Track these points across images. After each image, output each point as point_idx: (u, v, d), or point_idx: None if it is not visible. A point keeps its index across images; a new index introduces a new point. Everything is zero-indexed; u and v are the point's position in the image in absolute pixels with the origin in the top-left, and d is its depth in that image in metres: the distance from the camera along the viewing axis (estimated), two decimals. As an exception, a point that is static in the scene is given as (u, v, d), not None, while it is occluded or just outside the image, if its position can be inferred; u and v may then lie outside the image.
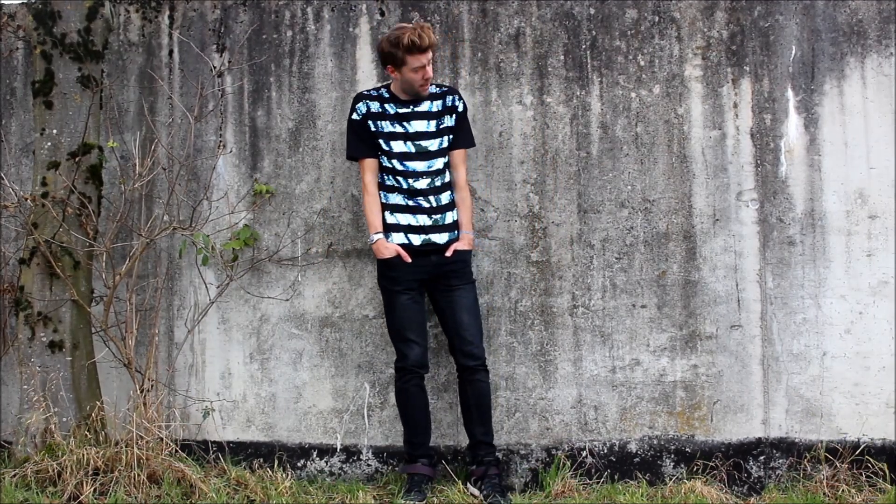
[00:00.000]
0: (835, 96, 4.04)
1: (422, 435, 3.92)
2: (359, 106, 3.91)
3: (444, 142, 3.91)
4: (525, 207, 4.13)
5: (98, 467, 3.76)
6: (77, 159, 4.08)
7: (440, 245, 3.86)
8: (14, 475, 3.79)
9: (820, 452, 3.93)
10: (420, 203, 3.86)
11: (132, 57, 4.39)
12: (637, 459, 4.03)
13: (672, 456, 4.01)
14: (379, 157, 3.88)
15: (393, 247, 3.84)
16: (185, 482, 3.80)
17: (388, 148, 3.87)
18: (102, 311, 4.09)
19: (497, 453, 3.94)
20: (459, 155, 3.95)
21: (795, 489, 3.86)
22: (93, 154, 4.13)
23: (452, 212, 3.92)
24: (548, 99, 4.15)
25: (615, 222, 4.09)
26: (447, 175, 3.93)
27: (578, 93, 4.14)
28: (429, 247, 3.86)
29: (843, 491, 3.76)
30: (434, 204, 3.87)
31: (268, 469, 4.03)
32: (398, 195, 3.87)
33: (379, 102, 3.90)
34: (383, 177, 3.90)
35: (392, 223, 3.87)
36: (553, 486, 3.89)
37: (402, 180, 3.86)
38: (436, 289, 3.90)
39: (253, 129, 4.30)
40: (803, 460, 3.94)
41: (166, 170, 4.24)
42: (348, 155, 3.96)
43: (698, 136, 4.08)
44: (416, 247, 3.85)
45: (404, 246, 3.85)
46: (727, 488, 3.90)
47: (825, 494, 3.77)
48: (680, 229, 4.06)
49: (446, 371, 4.11)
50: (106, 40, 4.28)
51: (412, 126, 3.88)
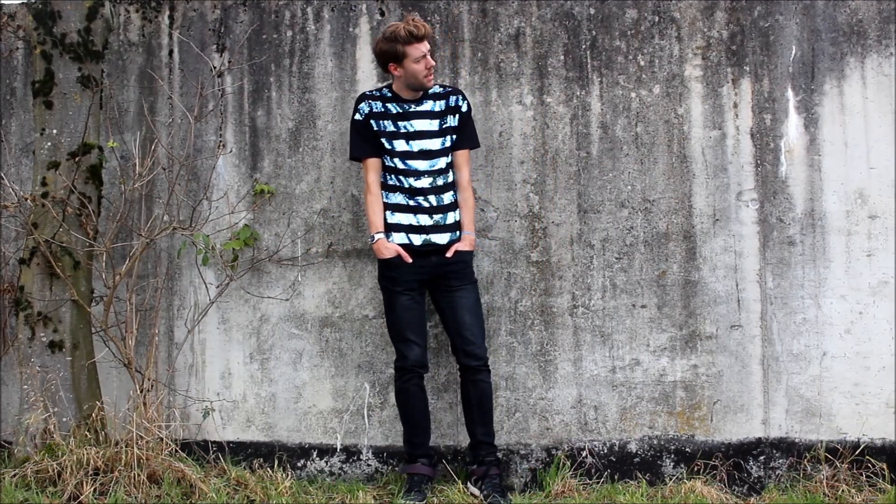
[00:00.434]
0: (835, 96, 4.04)
1: (422, 435, 3.92)
2: (361, 106, 3.90)
3: (447, 141, 3.90)
4: (525, 207, 4.13)
5: (98, 467, 3.76)
6: (77, 159, 4.08)
7: (441, 246, 3.86)
8: (14, 475, 3.79)
9: (820, 452, 3.93)
10: (421, 202, 3.86)
11: (132, 57, 4.39)
12: (637, 459, 4.03)
13: (672, 456, 4.01)
14: (382, 157, 3.88)
15: (393, 247, 3.84)
16: (185, 482, 3.80)
17: (391, 147, 3.86)
18: (102, 311, 4.09)
19: (497, 453, 3.94)
20: (463, 155, 3.94)
21: (795, 489, 3.86)
22: (93, 154, 4.13)
23: (454, 212, 3.91)
24: (548, 99, 4.15)
25: (615, 222, 4.09)
26: (450, 175, 3.92)
27: (578, 93, 4.14)
28: (429, 247, 3.85)
29: (843, 491, 3.76)
30: (435, 203, 3.86)
31: (268, 469, 4.03)
32: (399, 194, 3.87)
33: (381, 102, 3.90)
34: (386, 176, 3.90)
35: (393, 223, 3.87)
36: (553, 486, 3.89)
37: (404, 179, 3.85)
38: (437, 289, 3.90)
39: (253, 129, 4.30)
40: (803, 460, 3.94)
41: (166, 170, 4.24)
42: (351, 155, 3.96)
43: (698, 136, 4.08)
44: (417, 247, 3.85)
45: (405, 246, 3.84)
46: (727, 488, 3.91)
47: (825, 494, 3.77)
48: (680, 229, 4.06)
49: (446, 371, 4.11)
50: (106, 40, 4.28)
51: (414, 125, 3.88)
